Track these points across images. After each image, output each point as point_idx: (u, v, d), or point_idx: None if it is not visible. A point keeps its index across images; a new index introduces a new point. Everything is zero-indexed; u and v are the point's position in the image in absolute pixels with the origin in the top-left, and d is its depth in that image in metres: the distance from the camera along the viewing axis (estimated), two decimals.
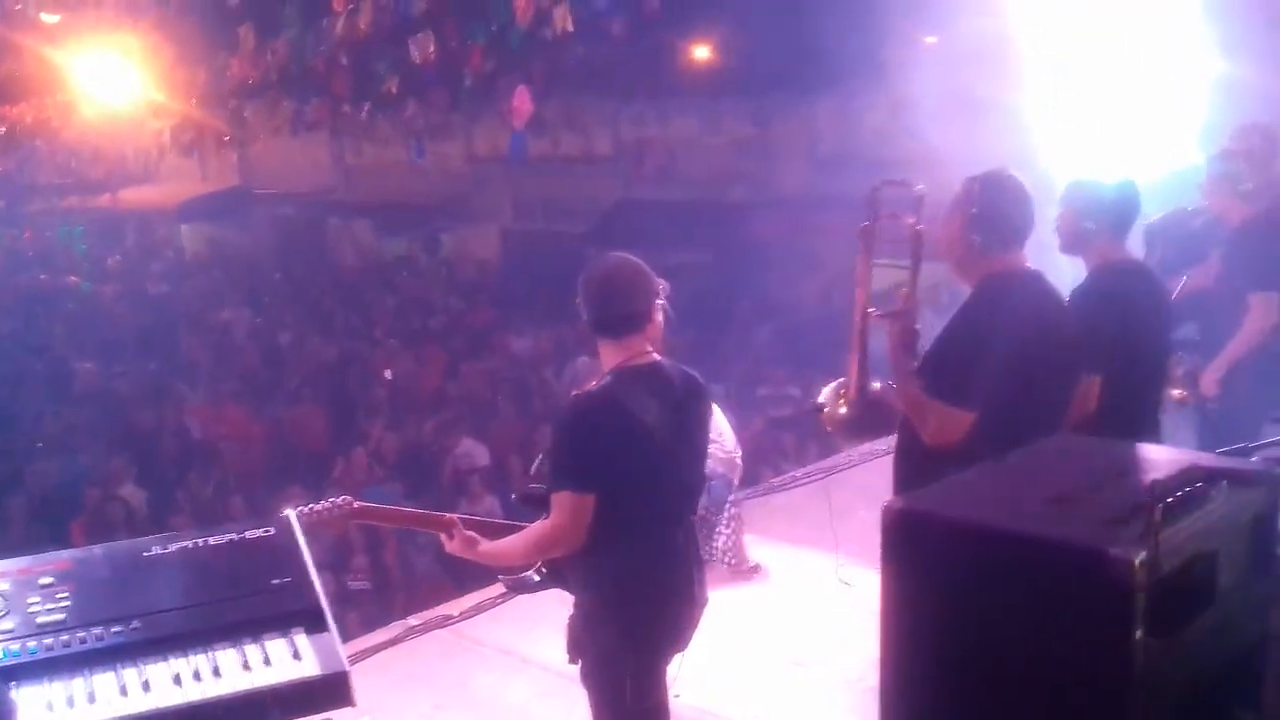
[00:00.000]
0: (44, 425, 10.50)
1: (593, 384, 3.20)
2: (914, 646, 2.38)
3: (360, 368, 11.97)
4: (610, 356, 3.22)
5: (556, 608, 4.39)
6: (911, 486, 3.01)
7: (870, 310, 3.69)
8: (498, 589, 5.33)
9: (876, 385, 3.81)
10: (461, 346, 12.95)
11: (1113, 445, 2.87)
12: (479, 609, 5.35)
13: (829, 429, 4.08)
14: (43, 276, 19.12)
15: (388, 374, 11.72)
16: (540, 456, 3.42)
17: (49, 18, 11.48)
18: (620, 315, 3.18)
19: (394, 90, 13.53)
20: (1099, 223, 3.94)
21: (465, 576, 5.56)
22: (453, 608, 5.41)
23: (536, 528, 3.24)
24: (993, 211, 3.41)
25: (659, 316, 3.23)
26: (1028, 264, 3.49)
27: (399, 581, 7.65)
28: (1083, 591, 2.16)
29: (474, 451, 9.08)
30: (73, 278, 19.10)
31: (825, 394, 3.97)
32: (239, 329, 14.42)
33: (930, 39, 13.30)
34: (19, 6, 10.75)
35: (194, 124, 17.62)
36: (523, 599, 5.10)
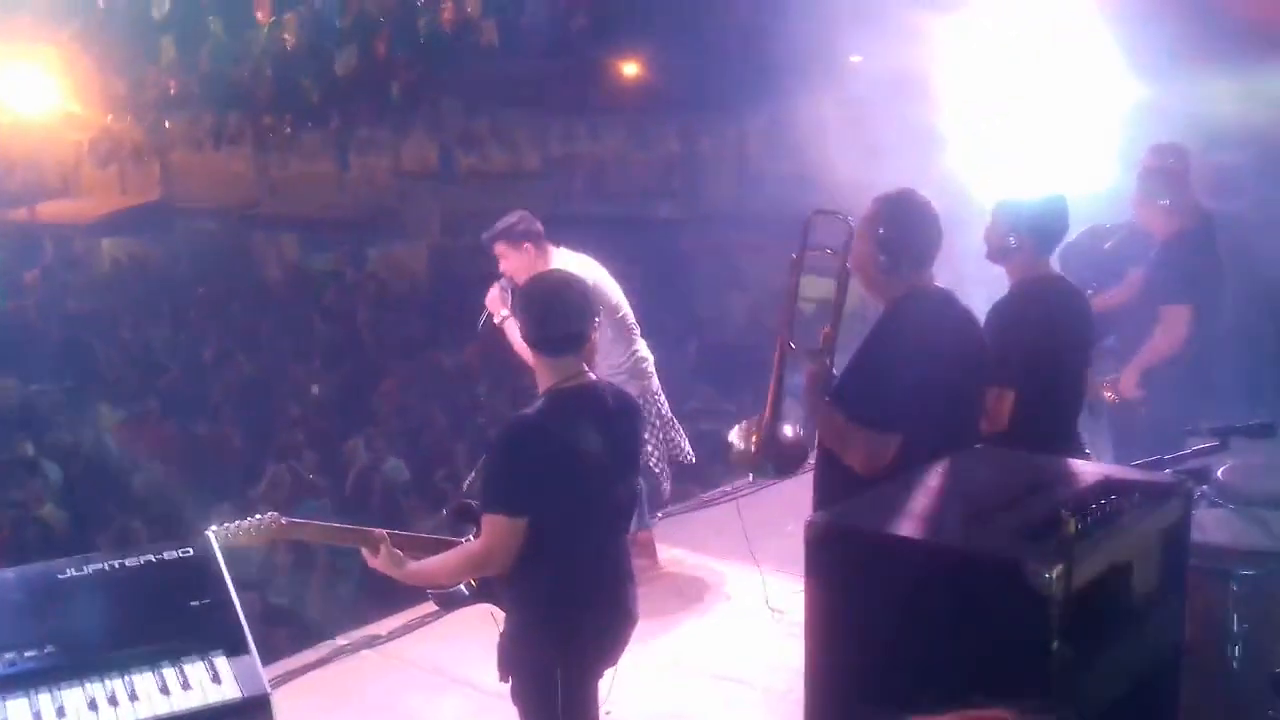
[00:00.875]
0: None
1: (528, 408, 3.19)
2: (837, 657, 2.41)
3: (286, 384, 11.81)
4: (546, 375, 3.22)
5: (485, 627, 4.35)
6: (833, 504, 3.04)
7: (791, 345, 3.71)
8: (426, 608, 5.29)
9: (788, 430, 3.85)
10: (390, 362, 12.83)
11: (1030, 458, 2.94)
12: (407, 628, 5.29)
13: (735, 464, 4.13)
14: None
15: (314, 389, 11.59)
16: (474, 472, 3.41)
17: None
18: (560, 335, 3.17)
19: (317, 102, 13.42)
20: (1021, 238, 4.03)
21: (393, 595, 5.50)
22: (381, 627, 5.34)
23: (466, 548, 3.22)
24: (900, 232, 3.47)
25: (595, 335, 3.24)
26: (936, 283, 3.55)
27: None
28: (1000, 603, 2.22)
29: (399, 467, 9.02)
30: None
31: (735, 432, 3.99)
32: (160, 345, 14.15)
33: (855, 58, 13.51)
34: None
35: (112, 136, 17.29)
36: (451, 618, 5.07)
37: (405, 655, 5.16)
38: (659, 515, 6.41)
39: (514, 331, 4.95)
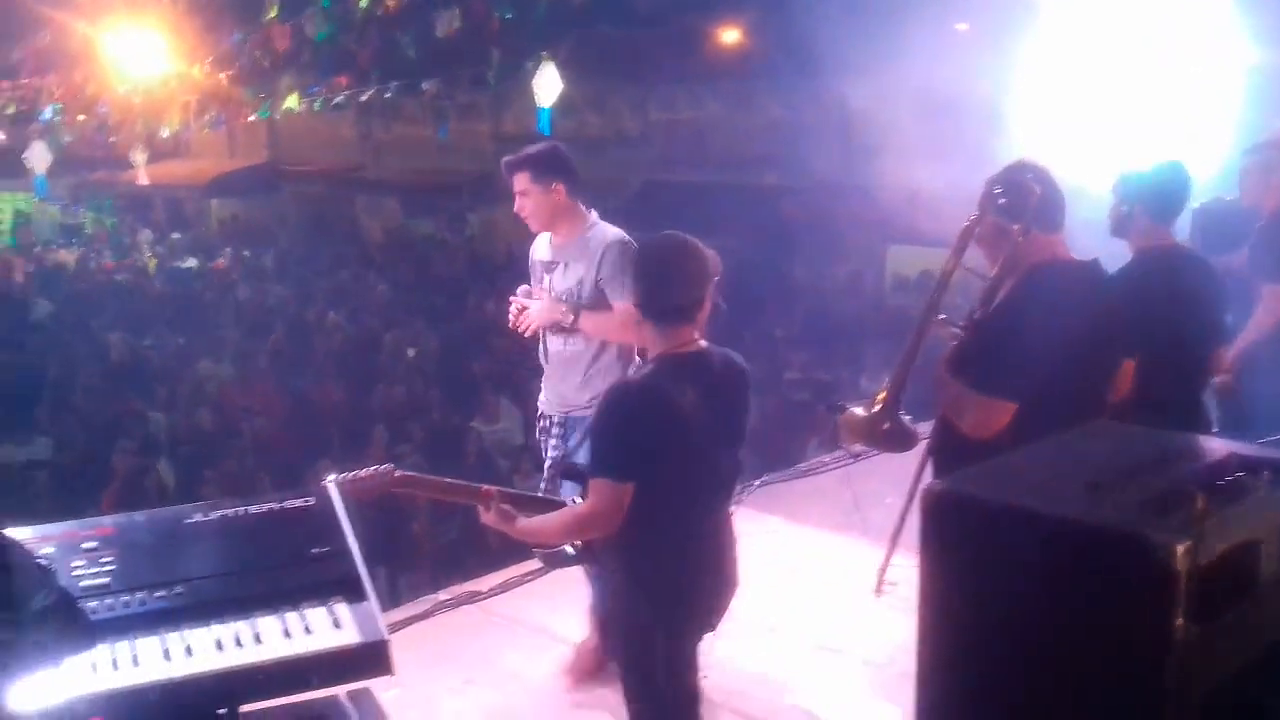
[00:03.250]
0: (74, 395, 10.59)
1: (637, 374, 3.20)
2: (951, 628, 2.38)
3: (388, 345, 12.01)
4: (657, 341, 3.19)
5: (584, 586, 4.43)
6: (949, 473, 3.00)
7: (941, 317, 3.59)
8: (525, 567, 5.37)
9: (908, 418, 3.77)
10: (489, 325, 12.99)
11: (1153, 433, 2.86)
12: (507, 586, 5.37)
13: (842, 429, 4.07)
14: (71, 253, 19.22)
15: (410, 352, 11.77)
16: (581, 434, 3.43)
17: None
18: (675, 304, 3.14)
19: (418, 66, 13.53)
20: (1138, 207, 3.94)
21: (495, 552, 5.58)
22: (481, 583, 5.43)
23: (574, 509, 3.26)
24: (1025, 198, 3.39)
25: (708, 303, 3.20)
26: (1071, 252, 3.47)
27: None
28: (1123, 577, 2.16)
29: (509, 429, 9.14)
30: (101, 250, 19.22)
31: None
32: (271, 303, 14.50)
33: (961, 26, 13.21)
34: None
35: (221, 98, 17.66)
36: (549, 577, 5.16)
37: (505, 612, 5.23)
38: (755, 483, 6.39)
39: (557, 336, 4.40)
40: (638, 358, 4.08)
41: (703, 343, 3.24)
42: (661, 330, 3.17)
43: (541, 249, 4.54)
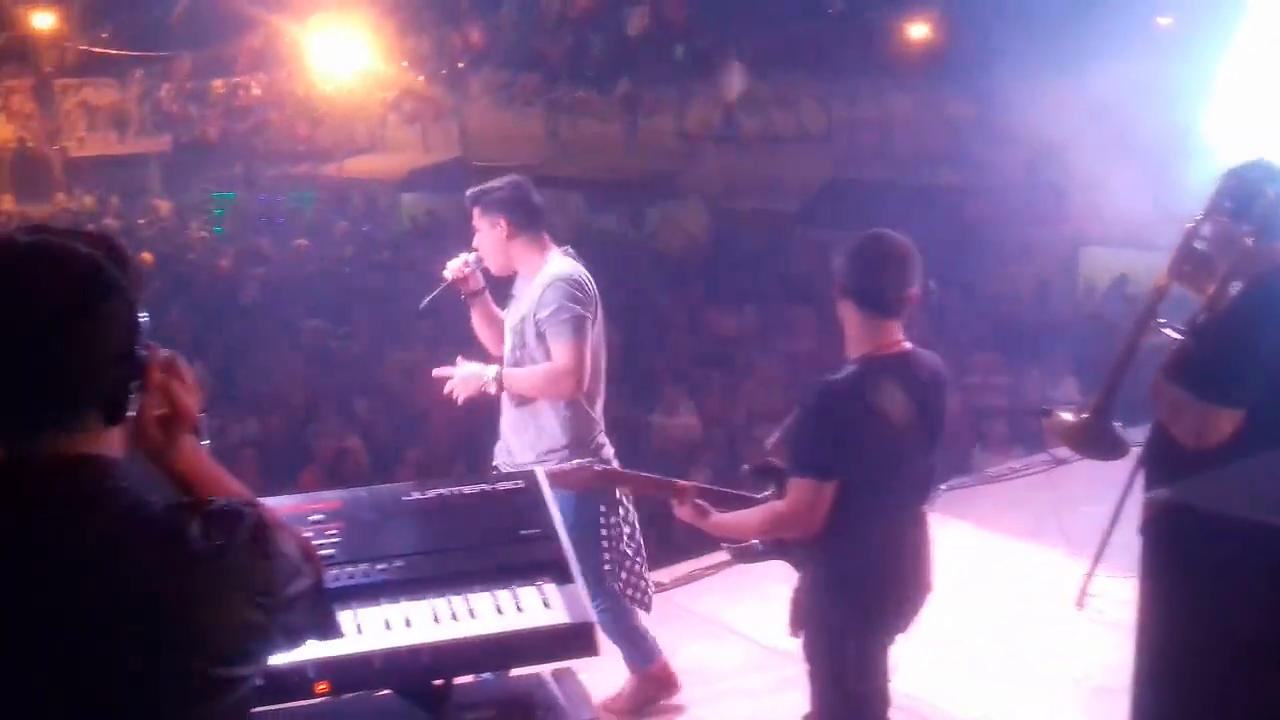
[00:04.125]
0: (271, 377, 11.12)
1: (840, 372, 3.17)
2: (1174, 644, 2.29)
3: None
4: (863, 338, 3.17)
5: (763, 581, 4.42)
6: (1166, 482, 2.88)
7: (1159, 321, 3.47)
8: (708, 559, 5.40)
9: (1118, 425, 3.62)
10: (670, 322, 13.08)
11: None
12: (690, 578, 5.41)
13: (1049, 432, 3.93)
14: (274, 241, 20.18)
15: None
16: (778, 431, 3.42)
17: None
18: (891, 297, 3.13)
19: (607, 64, 13.75)
20: None
21: (679, 543, 5.61)
22: (664, 575, 5.48)
23: (773, 507, 3.25)
24: (1259, 201, 3.22)
25: (913, 303, 3.18)
26: None
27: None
28: None
29: (688, 424, 9.20)
30: (301, 241, 20.12)
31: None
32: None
33: (1164, 20, 12.63)
34: None
35: (416, 95, 18.30)
36: (733, 571, 5.17)
37: (687, 604, 5.27)
38: (942, 488, 6.24)
39: (483, 307, 4.34)
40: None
41: (907, 344, 3.20)
42: (872, 323, 3.15)
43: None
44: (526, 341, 4.11)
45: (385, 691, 2.53)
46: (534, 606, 2.48)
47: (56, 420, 1.53)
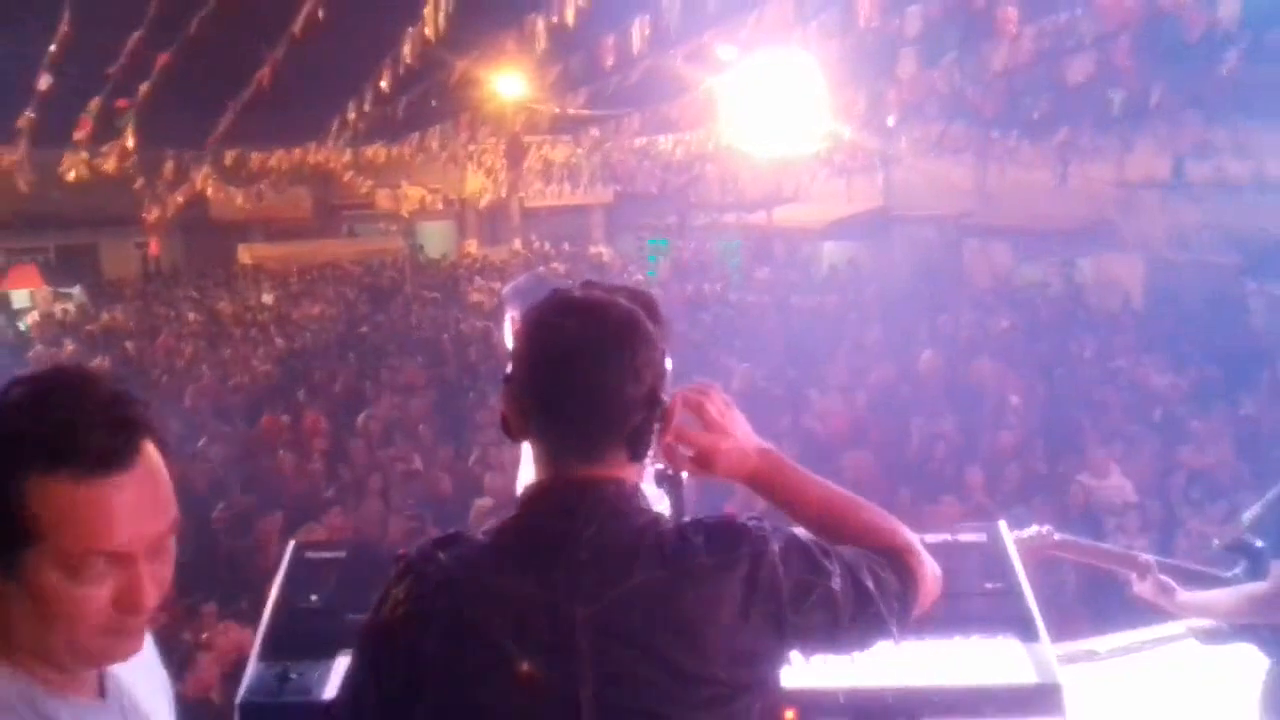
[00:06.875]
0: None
1: None
2: None
3: (985, 393, 11.93)
4: None
5: (1207, 663, 4.11)
6: None
7: None
8: (1148, 633, 5.11)
9: None
10: (1089, 376, 12.48)
11: None
12: (1126, 649, 5.14)
13: None
14: (705, 287, 21.25)
15: (1014, 399, 11.58)
16: (1257, 506, 3.25)
17: (726, 52, 12.81)
18: None
19: (1042, 114, 13.33)
20: None
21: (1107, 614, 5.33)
22: (1099, 644, 5.25)
23: (1252, 588, 3.12)
24: None
25: None
26: None
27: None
28: None
29: (1119, 486, 8.77)
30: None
31: None
32: (870, 342, 15.00)
33: None
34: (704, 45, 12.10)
35: (847, 148, 18.63)
36: (1175, 648, 4.86)
37: (1119, 676, 5.02)
38: None
39: None
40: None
41: None
42: None
43: None
44: None
45: None
46: (1000, 661, 2.47)
47: (587, 452, 1.74)
